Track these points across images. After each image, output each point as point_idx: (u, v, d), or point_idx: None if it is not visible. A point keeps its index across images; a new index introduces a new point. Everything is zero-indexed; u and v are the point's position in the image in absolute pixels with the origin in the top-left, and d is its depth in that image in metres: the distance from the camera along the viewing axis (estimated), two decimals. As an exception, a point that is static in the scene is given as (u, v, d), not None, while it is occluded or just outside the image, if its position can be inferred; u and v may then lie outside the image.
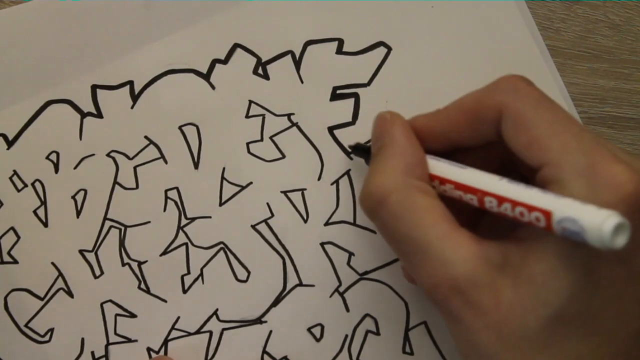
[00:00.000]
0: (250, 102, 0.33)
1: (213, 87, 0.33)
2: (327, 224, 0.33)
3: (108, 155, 0.33)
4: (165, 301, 0.33)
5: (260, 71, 0.33)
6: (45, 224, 0.33)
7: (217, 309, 0.33)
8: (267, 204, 0.33)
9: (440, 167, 0.26)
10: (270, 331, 0.33)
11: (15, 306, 0.33)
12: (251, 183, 0.33)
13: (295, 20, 0.33)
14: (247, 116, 0.33)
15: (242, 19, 0.33)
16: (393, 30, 0.33)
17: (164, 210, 0.33)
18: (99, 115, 0.33)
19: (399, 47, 0.33)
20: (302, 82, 0.33)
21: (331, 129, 0.33)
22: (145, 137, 0.33)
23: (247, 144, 0.33)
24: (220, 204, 0.33)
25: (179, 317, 0.33)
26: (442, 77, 0.33)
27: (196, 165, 0.33)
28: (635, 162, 0.23)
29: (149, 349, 0.33)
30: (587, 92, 0.35)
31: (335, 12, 0.33)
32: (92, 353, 0.33)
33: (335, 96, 0.33)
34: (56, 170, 0.33)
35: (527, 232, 0.24)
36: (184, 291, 0.33)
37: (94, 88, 0.33)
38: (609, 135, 0.35)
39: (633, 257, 0.23)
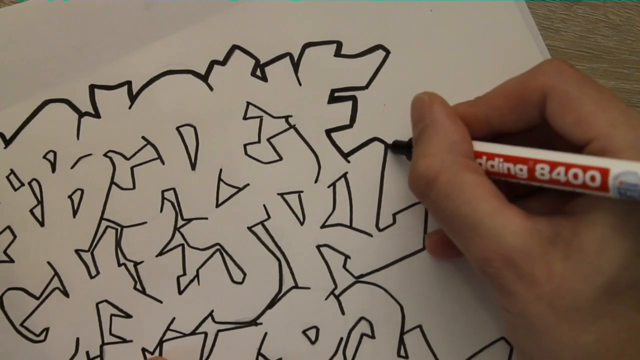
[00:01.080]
0: (248, 103, 0.33)
1: (211, 89, 0.33)
2: (323, 226, 0.33)
3: (105, 155, 0.33)
4: (161, 302, 0.33)
5: (258, 73, 0.33)
6: (42, 224, 0.33)
7: (212, 310, 0.33)
8: (264, 205, 0.33)
9: (485, 144, 0.26)
10: (266, 333, 0.33)
11: (10, 305, 0.33)
12: (248, 185, 0.33)
13: (294, 22, 0.33)
14: (244, 118, 0.33)
15: (240, 20, 0.33)
16: (392, 33, 0.33)
17: (161, 211, 0.33)
18: (97, 115, 0.33)
19: (397, 50, 0.33)
20: (300, 84, 0.33)
21: (329, 132, 0.33)
22: (143, 137, 0.33)
23: (245, 145, 0.33)
24: (217, 206, 0.33)
25: (174, 318, 0.33)
26: (442, 78, 0.33)
27: (193, 166, 0.33)
28: None
29: (143, 350, 0.33)
30: None
31: (334, 15, 0.33)
32: (87, 353, 0.33)
33: (333, 99, 0.33)
34: (53, 170, 0.33)
35: (576, 206, 0.24)
36: (180, 292, 0.33)
37: (92, 88, 0.33)
38: None
39: None
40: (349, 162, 0.33)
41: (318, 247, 0.33)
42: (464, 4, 0.34)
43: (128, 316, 0.33)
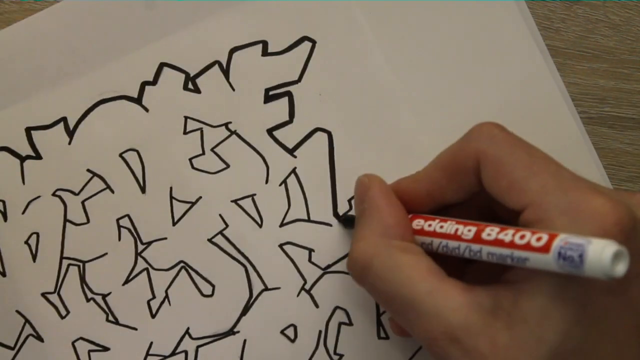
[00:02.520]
0: (186, 117, 0.33)
1: (147, 110, 0.33)
2: (282, 225, 0.33)
3: (54, 194, 0.33)
4: (136, 329, 0.33)
5: (190, 86, 0.33)
6: (4, 274, 0.33)
7: (188, 328, 0.33)
8: (220, 215, 0.33)
9: (427, 225, 0.26)
10: (245, 340, 0.33)
11: (-13, 360, 0.33)
12: (200, 198, 0.33)
13: (216, 30, 0.33)
14: (185, 132, 0.33)
15: (163, 38, 0.33)
16: (314, 23, 0.33)
17: (119, 239, 0.33)
18: (38, 156, 0.33)
19: (322, 38, 0.33)
20: (233, 89, 0.33)
21: (270, 131, 0.33)
22: (88, 170, 0.33)
23: (190, 159, 0.33)
24: (174, 224, 0.33)
25: (152, 343, 0.33)
26: (442, 78, 0.33)
27: (143, 189, 0.33)
28: (613, 194, 0.24)
29: (127, 379, 0.33)
30: (587, 92, 0.35)
31: (254, 16, 0.33)
32: (71, 393, 0.33)
33: (268, 98, 0.33)
34: (5, 219, 0.33)
35: (515, 274, 0.24)
36: (153, 316, 0.33)
37: (28, 130, 0.33)
38: (609, 135, 0.35)
39: (626, 288, 0.23)
40: (295, 157, 0.33)
41: (280, 246, 0.33)
42: (463, 4, 0.34)
43: (106, 349, 0.33)
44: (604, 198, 0.22)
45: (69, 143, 0.33)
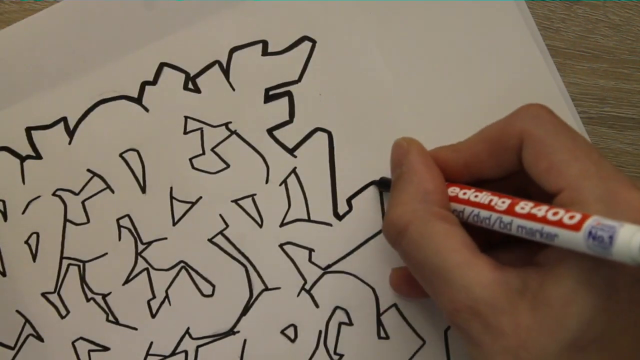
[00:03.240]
0: (186, 117, 0.33)
1: (147, 110, 0.33)
2: (282, 224, 0.33)
3: (54, 194, 0.33)
4: (136, 329, 0.33)
5: (190, 86, 0.33)
6: (4, 274, 0.33)
7: (188, 328, 0.33)
8: (220, 215, 0.33)
9: (461, 192, 0.26)
10: (245, 340, 0.33)
11: (-13, 360, 0.33)
12: (201, 198, 0.33)
13: (216, 30, 0.33)
14: (185, 132, 0.33)
15: (163, 38, 0.33)
16: (314, 23, 0.33)
17: (119, 239, 0.33)
18: (38, 156, 0.33)
19: (322, 38, 0.33)
20: (233, 89, 0.33)
21: (270, 131, 0.33)
22: (88, 170, 0.33)
23: (190, 159, 0.33)
24: (174, 224, 0.33)
25: (152, 343, 0.33)
26: (442, 78, 0.33)
27: (143, 189, 0.33)
28: None
29: (127, 379, 0.33)
30: (587, 92, 0.35)
31: (254, 16, 0.33)
32: (71, 393, 0.33)
33: (268, 98, 0.33)
34: (5, 219, 0.33)
35: (545, 257, 0.24)
36: (153, 316, 0.33)
37: (29, 130, 0.33)
38: (609, 135, 0.35)
39: None
40: (295, 157, 0.33)
41: (281, 246, 0.33)
42: (463, 4, 0.34)
43: (106, 349, 0.33)
44: None
45: (69, 143, 0.33)
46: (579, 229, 0.21)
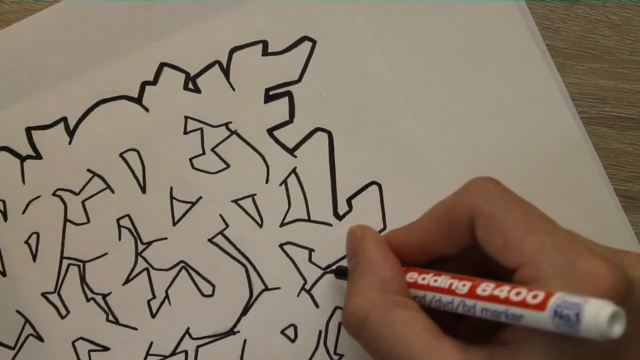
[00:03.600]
0: (186, 117, 0.33)
1: (147, 110, 0.33)
2: (282, 225, 0.33)
3: (54, 194, 0.33)
4: (136, 329, 0.33)
5: (190, 86, 0.33)
6: (4, 274, 0.33)
7: (188, 328, 0.33)
8: (220, 215, 0.33)
9: (420, 278, 0.26)
10: (245, 340, 0.33)
11: (-13, 360, 0.33)
12: (201, 198, 0.33)
13: (216, 30, 0.33)
14: (185, 132, 0.33)
15: (163, 38, 0.33)
16: (314, 23, 0.33)
17: (119, 239, 0.33)
18: (38, 156, 0.33)
19: (323, 38, 0.33)
20: (233, 89, 0.33)
21: (270, 131, 0.33)
22: (88, 170, 0.33)
23: (190, 159, 0.33)
24: (174, 224, 0.33)
25: (152, 343, 0.33)
26: (442, 78, 0.33)
27: (143, 189, 0.33)
28: (609, 254, 0.23)
29: (127, 379, 0.33)
30: (587, 92, 0.35)
31: (254, 16, 0.33)
32: (71, 393, 0.33)
33: (268, 98, 0.33)
34: (5, 219, 0.33)
35: (510, 334, 0.23)
36: (153, 316, 0.33)
37: (29, 130, 0.33)
38: (609, 135, 0.35)
39: (622, 351, 0.23)
40: (295, 157, 0.33)
41: (281, 246, 0.33)
42: (463, 4, 0.34)
43: (106, 349, 0.33)
44: (600, 260, 0.22)
45: (69, 143, 0.33)
46: (544, 308, 0.21)
